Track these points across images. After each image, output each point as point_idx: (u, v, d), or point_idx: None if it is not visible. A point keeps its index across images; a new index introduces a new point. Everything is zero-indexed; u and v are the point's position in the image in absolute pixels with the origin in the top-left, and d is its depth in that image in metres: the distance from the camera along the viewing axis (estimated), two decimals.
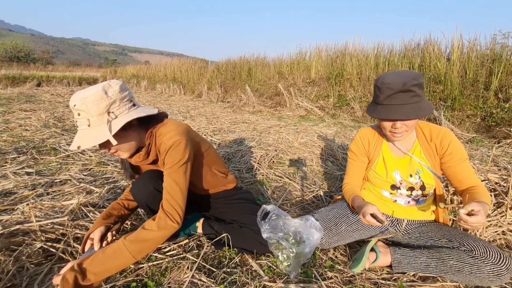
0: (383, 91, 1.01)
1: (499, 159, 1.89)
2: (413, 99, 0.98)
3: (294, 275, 1.07)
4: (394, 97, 0.99)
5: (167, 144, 1.02)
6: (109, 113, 0.94)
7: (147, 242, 0.98)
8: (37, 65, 24.98)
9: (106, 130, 0.92)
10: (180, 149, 1.03)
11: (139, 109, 1.03)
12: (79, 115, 0.92)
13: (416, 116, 0.98)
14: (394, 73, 1.03)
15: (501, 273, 0.91)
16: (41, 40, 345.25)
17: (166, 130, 1.05)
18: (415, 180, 1.13)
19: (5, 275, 1.02)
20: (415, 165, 1.14)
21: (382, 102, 1.03)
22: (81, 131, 0.93)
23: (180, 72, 10.75)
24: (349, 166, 1.31)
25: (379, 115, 1.04)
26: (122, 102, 0.97)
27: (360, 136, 1.26)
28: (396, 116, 0.99)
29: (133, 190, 1.19)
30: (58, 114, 4.44)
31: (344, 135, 3.66)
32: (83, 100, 0.90)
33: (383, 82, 1.00)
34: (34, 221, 1.26)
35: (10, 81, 11.10)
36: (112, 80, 0.98)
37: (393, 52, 5.49)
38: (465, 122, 3.92)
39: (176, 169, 1.03)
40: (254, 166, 2.38)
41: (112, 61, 66.32)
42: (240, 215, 1.27)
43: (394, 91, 0.98)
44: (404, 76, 0.98)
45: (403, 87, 0.97)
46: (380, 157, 1.21)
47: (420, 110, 0.98)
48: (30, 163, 2.26)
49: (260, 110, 5.84)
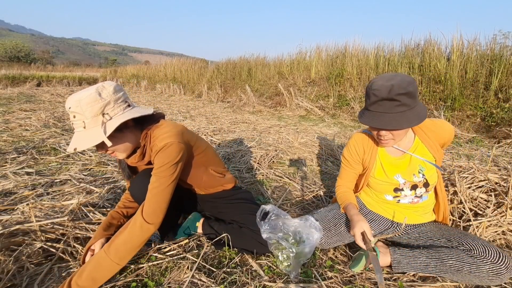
0: (369, 96, 0.98)
1: (499, 159, 1.89)
2: (398, 109, 0.93)
3: (294, 275, 1.07)
4: (379, 104, 0.95)
5: (158, 146, 1.02)
6: (103, 114, 0.94)
7: (125, 246, 0.98)
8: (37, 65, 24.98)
9: (100, 131, 0.92)
10: (170, 151, 1.02)
11: (134, 110, 1.03)
12: (74, 117, 0.93)
13: (397, 127, 0.94)
14: (384, 77, 0.97)
15: (500, 272, 0.91)
16: (41, 40, 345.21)
17: (160, 132, 1.05)
18: (418, 178, 1.11)
19: (5, 275, 1.02)
20: (416, 163, 1.11)
21: (368, 108, 1.00)
22: (77, 133, 0.94)
23: (180, 72, 10.74)
24: (342, 171, 1.30)
25: (363, 120, 1.01)
26: (116, 103, 0.97)
27: (354, 144, 1.21)
28: (377, 124, 0.97)
29: (131, 189, 1.19)
30: (58, 114, 4.44)
31: (344, 135, 3.66)
32: (77, 102, 0.90)
33: (371, 87, 0.97)
34: (34, 221, 1.26)
35: (10, 81, 11.11)
36: (106, 82, 0.99)
37: (393, 52, 5.48)
38: (465, 122, 3.92)
39: (162, 170, 1.02)
40: (254, 166, 2.38)
41: (112, 61, 66.31)
42: (240, 215, 1.27)
43: (379, 98, 0.94)
44: (393, 82, 0.92)
45: (388, 94, 0.92)
46: (378, 163, 1.18)
47: (403, 121, 0.93)
48: (30, 163, 2.26)
49: (260, 110, 5.85)
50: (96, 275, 0.95)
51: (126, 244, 0.98)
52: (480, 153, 2.63)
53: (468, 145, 3.23)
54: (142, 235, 1.00)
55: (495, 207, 1.42)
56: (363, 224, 1.06)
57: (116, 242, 0.98)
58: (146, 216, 1.00)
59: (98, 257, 0.97)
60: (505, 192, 1.43)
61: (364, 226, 1.05)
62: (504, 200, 1.39)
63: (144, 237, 1.00)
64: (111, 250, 0.97)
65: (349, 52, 6.13)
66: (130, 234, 0.99)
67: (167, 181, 1.03)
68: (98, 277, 0.95)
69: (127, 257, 0.99)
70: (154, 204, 1.02)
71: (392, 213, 1.20)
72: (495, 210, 1.40)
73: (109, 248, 0.97)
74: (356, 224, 1.06)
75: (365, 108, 1.04)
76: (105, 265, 0.96)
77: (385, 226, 1.22)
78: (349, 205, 1.18)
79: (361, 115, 1.05)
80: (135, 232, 0.99)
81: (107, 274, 0.97)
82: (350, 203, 1.19)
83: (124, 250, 0.98)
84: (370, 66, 5.55)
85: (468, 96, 4.14)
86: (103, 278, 0.96)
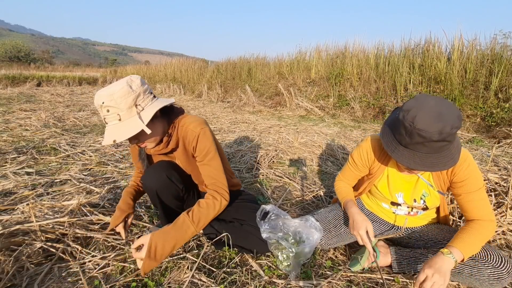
0: (412, 135, 0.81)
1: (499, 159, 1.89)
2: (445, 147, 0.82)
3: (294, 275, 1.07)
4: (424, 145, 0.81)
5: (196, 131, 1.10)
6: (136, 105, 0.97)
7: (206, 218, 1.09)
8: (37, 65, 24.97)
9: (138, 121, 0.96)
10: (209, 135, 1.12)
11: (160, 100, 1.07)
12: (108, 111, 0.94)
13: (443, 169, 0.83)
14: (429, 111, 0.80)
15: (502, 277, 0.90)
16: (41, 40, 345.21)
17: (190, 120, 1.13)
18: (418, 204, 1.07)
19: (5, 275, 1.02)
20: (421, 187, 1.05)
21: (406, 146, 0.85)
22: (112, 126, 0.96)
23: (180, 72, 10.74)
24: (346, 169, 1.23)
25: (401, 159, 0.86)
26: (145, 95, 1.01)
27: (367, 148, 1.11)
28: (422, 167, 0.84)
29: (144, 178, 1.20)
30: (58, 114, 4.44)
31: (344, 135, 3.66)
32: (110, 96, 0.93)
33: (414, 125, 0.79)
34: (34, 221, 1.26)
35: (10, 81, 11.09)
36: (132, 75, 1.02)
37: (393, 52, 5.48)
38: (465, 122, 3.92)
39: (210, 152, 1.12)
40: (254, 166, 2.38)
41: (112, 61, 66.34)
42: (241, 213, 1.28)
43: (427, 140, 0.79)
44: (443, 122, 0.77)
45: (439, 136, 0.78)
46: (384, 175, 1.11)
47: (448, 160, 0.83)
48: (30, 163, 2.26)
49: (260, 110, 5.84)
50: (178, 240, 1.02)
51: (208, 216, 1.09)
52: (480, 153, 2.63)
53: (468, 145, 3.23)
54: (220, 209, 1.13)
55: (495, 207, 1.42)
56: (367, 224, 1.04)
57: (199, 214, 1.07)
58: (223, 194, 1.13)
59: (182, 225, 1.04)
60: (505, 192, 1.43)
61: (368, 226, 1.03)
62: (504, 200, 1.39)
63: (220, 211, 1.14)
64: (195, 220, 1.06)
65: (349, 52, 6.12)
66: (212, 209, 1.10)
67: (218, 158, 1.15)
68: (179, 242, 1.03)
69: (203, 226, 1.11)
70: (223, 182, 1.14)
71: (394, 217, 1.19)
72: (495, 210, 1.40)
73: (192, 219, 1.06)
74: (361, 224, 1.04)
75: (399, 143, 0.87)
76: (189, 232, 1.05)
77: (386, 227, 1.22)
78: (350, 201, 1.15)
79: (394, 150, 0.88)
80: (216, 207, 1.11)
81: (186, 239, 1.06)
82: (351, 199, 1.16)
83: (205, 221, 1.09)
84: (370, 66, 5.55)
85: (468, 96, 4.14)
86: (182, 242, 1.04)
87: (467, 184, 0.94)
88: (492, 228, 0.94)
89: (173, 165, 1.22)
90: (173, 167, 1.21)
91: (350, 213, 1.10)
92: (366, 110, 5.03)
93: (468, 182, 0.94)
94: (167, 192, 1.17)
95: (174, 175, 1.18)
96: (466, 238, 0.91)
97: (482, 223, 0.94)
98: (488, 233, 0.93)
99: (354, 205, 1.13)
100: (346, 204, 1.15)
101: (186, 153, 1.19)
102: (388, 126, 0.93)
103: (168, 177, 1.16)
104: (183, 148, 1.17)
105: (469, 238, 0.90)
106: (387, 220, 1.21)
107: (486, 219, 0.94)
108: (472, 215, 0.96)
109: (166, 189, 1.17)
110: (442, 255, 0.87)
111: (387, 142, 0.91)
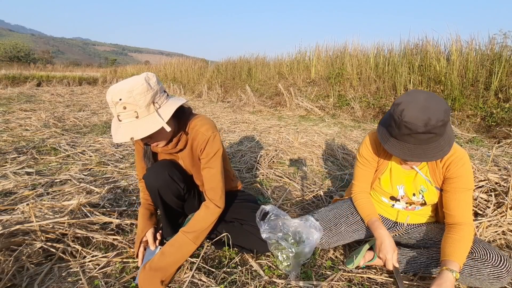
0: (400, 127, 0.86)
1: (499, 159, 1.89)
2: (432, 139, 0.86)
3: (294, 275, 1.07)
4: (411, 136, 0.86)
5: (207, 134, 1.10)
6: (153, 103, 0.96)
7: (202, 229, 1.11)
8: (37, 65, 24.96)
9: (158, 118, 0.95)
10: (218, 141, 1.13)
11: (174, 98, 1.06)
12: (124, 108, 0.92)
13: (432, 159, 0.88)
14: (416, 104, 0.85)
15: (501, 276, 0.91)
16: (41, 40, 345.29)
17: (201, 122, 1.14)
18: (417, 199, 1.09)
19: (5, 275, 1.02)
20: (419, 182, 1.07)
21: (397, 137, 0.90)
22: (128, 124, 0.94)
23: (180, 72, 10.74)
24: (359, 171, 1.20)
25: (392, 150, 0.92)
26: (161, 93, 1.00)
27: (373, 142, 1.13)
28: (410, 157, 0.89)
29: (146, 176, 1.19)
30: (58, 114, 4.44)
31: (344, 135, 3.66)
32: (129, 93, 0.90)
33: (402, 118, 0.85)
34: (34, 221, 1.26)
35: (10, 81, 11.08)
36: (148, 72, 1.00)
37: (393, 52, 5.48)
38: (465, 122, 3.92)
39: (216, 158, 1.13)
40: (254, 166, 2.38)
41: (112, 61, 66.29)
42: (241, 213, 1.28)
43: (413, 131, 0.84)
44: (429, 114, 0.82)
45: (425, 128, 0.82)
46: (388, 168, 1.14)
47: (438, 152, 0.87)
48: (30, 163, 2.26)
49: (260, 110, 5.84)
50: (177, 256, 1.06)
51: (203, 227, 1.11)
52: (480, 153, 2.62)
53: (468, 145, 3.23)
54: (214, 218, 1.14)
55: (495, 207, 1.42)
56: (396, 249, 1.03)
57: (193, 226, 1.10)
58: (216, 202, 1.13)
59: (178, 240, 1.08)
60: (505, 192, 1.43)
61: (395, 251, 1.03)
62: (504, 200, 1.39)
63: (215, 219, 1.14)
64: (190, 233, 1.08)
65: (348, 52, 6.12)
66: (205, 219, 1.12)
67: (220, 166, 1.15)
68: (179, 257, 1.06)
69: (202, 238, 1.13)
70: (220, 190, 1.14)
71: (394, 214, 1.20)
72: (495, 210, 1.40)
73: (187, 232, 1.09)
74: (389, 248, 1.02)
75: (390, 134, 0.93)
76: (186, 246, 1.07)
77: (388, 225, 1.22)
78: (376, 221, 1.11)
79: (386, 142, 0.94)
80: (208, 216, 1.12)
81: (186, 254, 1.08)
82: (377, 219, 1.12)
83: (201, 232, 1.11)
84: (370, 66, 5.55)
85: (468, 96, 4.14)
86: (183, 257, 1.07)
87: (458, 181, 0.98)
88: (473, 232, 0.98)
89: (175, 165, 1.22)
90: (175, 166, 1.20)
91: (378, 235, 1.06)
92: (366, 110, 5.03)
93: (459, 180, 0.98)
94: (169, 190, 1.17)
95: (176, 174, 1.18)
96: (457, 249, 0.93)
97: (464, 228, 0.96)
98: (471, 238, 0.96)
99: (382, 226, 1.09)
100: (373, 223, 1.11)
101: (192, 155, 1.19)
102: (383, 120, 1.00)
103: (170, 176, 1.16)
104: (190, 149, 1.17)
105: (461, 248, 0.93)
106: (389, 217, 1.22)
107: (466, 222, 0.97)
108: (453, 213, 0.99)
109: (167, 188, 1.17)
110: (446, 273, 0.87)
111: (381, 134, 0.98)
